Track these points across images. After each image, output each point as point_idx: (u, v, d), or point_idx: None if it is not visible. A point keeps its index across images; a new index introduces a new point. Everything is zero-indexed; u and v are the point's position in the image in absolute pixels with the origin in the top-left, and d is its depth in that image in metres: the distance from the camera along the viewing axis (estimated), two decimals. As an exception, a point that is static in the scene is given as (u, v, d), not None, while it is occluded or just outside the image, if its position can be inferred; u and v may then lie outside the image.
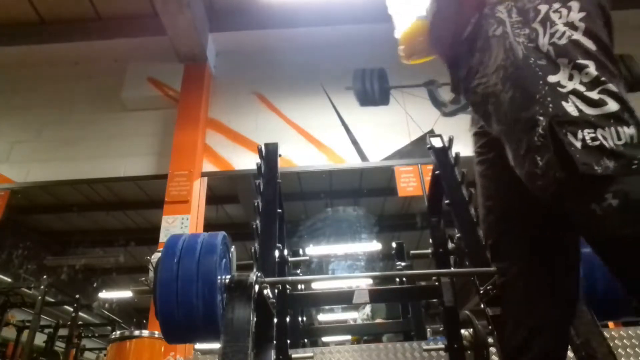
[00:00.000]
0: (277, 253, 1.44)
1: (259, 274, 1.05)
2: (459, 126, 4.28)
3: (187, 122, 4.20)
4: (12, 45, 4.72)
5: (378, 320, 3.96)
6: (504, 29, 0.92)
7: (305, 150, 4.18)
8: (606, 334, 1.06)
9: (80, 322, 7.18)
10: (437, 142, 1.76)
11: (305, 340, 2.75)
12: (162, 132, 4.33)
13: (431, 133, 3.96)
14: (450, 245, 1.79)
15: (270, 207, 1.56)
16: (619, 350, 2.09)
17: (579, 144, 0.76)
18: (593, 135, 0.77)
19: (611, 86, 0.82)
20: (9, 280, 7.53)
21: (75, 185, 6.00)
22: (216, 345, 0.97)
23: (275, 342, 1.17)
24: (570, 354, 0.96)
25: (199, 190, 3.98)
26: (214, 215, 6.78)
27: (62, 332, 6.76)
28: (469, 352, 1.61)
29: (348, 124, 4.32)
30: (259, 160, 1.76)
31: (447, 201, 1.54)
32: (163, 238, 3.52)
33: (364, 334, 4.01)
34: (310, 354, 1.80)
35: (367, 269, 7.43)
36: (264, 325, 1.11)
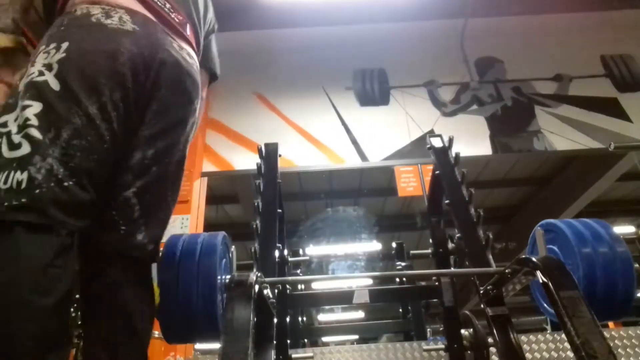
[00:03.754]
0: (277, 253, 1.44)
1: (259, 274, 1.05)
2: (459, 126, 4.29)
3: (187, 122, 4.20)
4: (12, 45, 4.72)
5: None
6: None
7: (305, 150, 4.18)
8: (606, 334, 1.06)
9: (80, 322, 7.17)
10: (437, 142, 1.76)
11: (305, 340, 2.75)
12: (162, 132, 4.33)
13: (431, 133, 3.96)
14: (450, 245, 1.79)
15: (270, 207, 1.55)
16: (619, 350, 2.09)
17: None
18: None
19: (34, 131, 0.81)
20: (9, 280, 7.53)
21: (75, 185, 5.98)
22: (216, 345, 0.97)
23: (275, 342, 1.17)
24: (570, 354, 0.96)
25: (199, 190, 3.97)
26: (214, 215, 6.78)
27: (62, 332, 6.76)
28: (469, 352, 1.61)
29: (348, 124, 4.32)
30: (259, 160, 1.76)
31: (447, 201, 1.54)
32: (163, 238, 3.52)
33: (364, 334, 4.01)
34: (310, 354, 1.80)
35: (367, 269, 7.42)
36: (264, 325, 1.11)
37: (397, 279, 2.68)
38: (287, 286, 1.75)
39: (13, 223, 0.78)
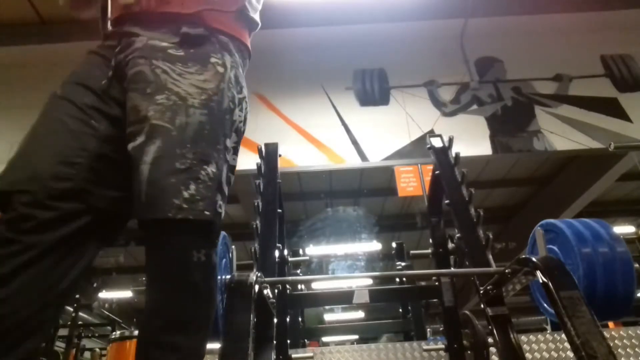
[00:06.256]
0: (277, 253, 1.44)
1: (259, 274, 1.05)
2: (459, 126, 4.29)
3: (187, 122, 4.20)
4: (12, 45, 4.72)
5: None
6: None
7: (305, 150, 4.18)
8: (606, 334, 1.06)
9: (80, 322, 7.17)
10: (437, 142, 1.76)
11: (306, 340, 2.76)
12: (162, 132, 4.33)
13: (431, 133, 3.96)
14: (450, 245, 1.79)
15: (270, 207, 1.56)
16: (619, 350, 2.09)
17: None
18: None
19: (233, 178, 1.15)
20: (9, 280, 7.51)
21: (75, 185, 5.98)
22: (216, 345, 0.97)
23: (275, 342, 1.17)
24: (570, 354, 0.96)
25: (199, 190, 3.97)
26: (214, 215, 6.77)
27: (62, 332, 6.76)
28: (469, 352, 1.61)
29: (348, 124, 4.32)
30: (259, 160, 1.76)
31: (447, 201, 1.54)
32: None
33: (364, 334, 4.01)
34: (310, 354, 1.80)
35: (367, 269, 7.43)
36: (264, 326, 1.11)
37: (397, 279, 2.69)
38: (287, 286, 1.76)
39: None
